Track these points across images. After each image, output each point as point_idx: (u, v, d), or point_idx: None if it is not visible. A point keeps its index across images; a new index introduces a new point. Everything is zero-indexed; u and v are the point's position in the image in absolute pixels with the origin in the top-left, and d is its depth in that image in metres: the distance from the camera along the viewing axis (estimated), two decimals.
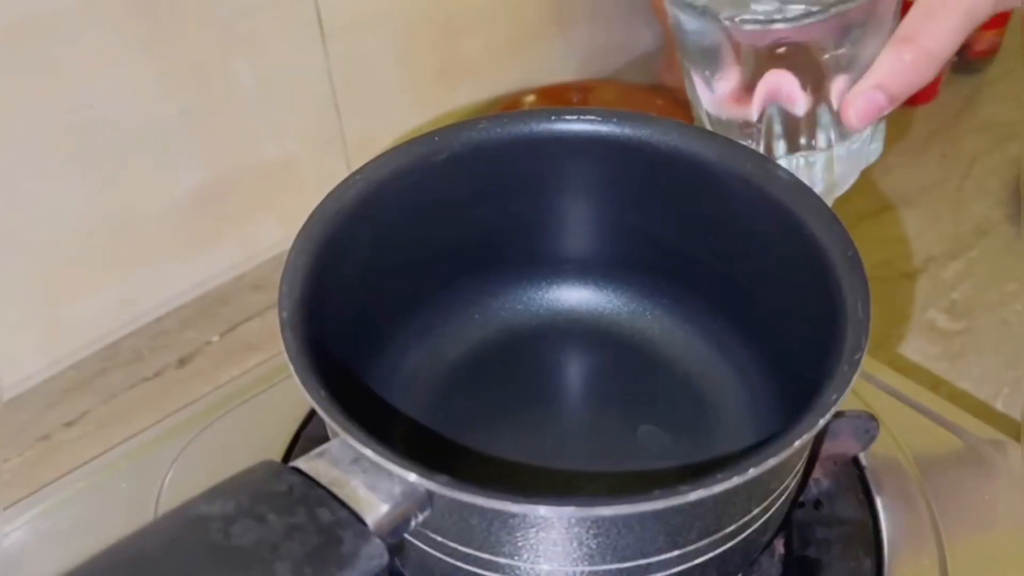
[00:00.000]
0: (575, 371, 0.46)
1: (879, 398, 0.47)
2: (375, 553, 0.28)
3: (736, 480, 0.29)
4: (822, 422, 0.30)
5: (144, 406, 0.55)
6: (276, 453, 0.45)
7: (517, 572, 0.32)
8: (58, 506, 0.44)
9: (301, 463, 0.30)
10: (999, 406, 0.52)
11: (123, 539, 0.26)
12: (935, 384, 0.53)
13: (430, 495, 0.30)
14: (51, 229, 0.52)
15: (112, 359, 0.58)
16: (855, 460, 0.44)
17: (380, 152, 0.42)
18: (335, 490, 0.29)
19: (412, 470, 0.29)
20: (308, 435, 0.46)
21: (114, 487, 0.45)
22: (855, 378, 0.31)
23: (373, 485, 0.29)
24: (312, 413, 0.47)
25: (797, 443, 0.30)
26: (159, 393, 0.56)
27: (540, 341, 0.47)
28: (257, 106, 0.58)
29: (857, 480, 0.43)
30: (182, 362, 0.58)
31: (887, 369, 0.49)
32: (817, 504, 0.42)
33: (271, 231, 0.63)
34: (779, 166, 0.40)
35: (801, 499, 0.42)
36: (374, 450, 0.29)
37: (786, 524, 0.41)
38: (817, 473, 0.43)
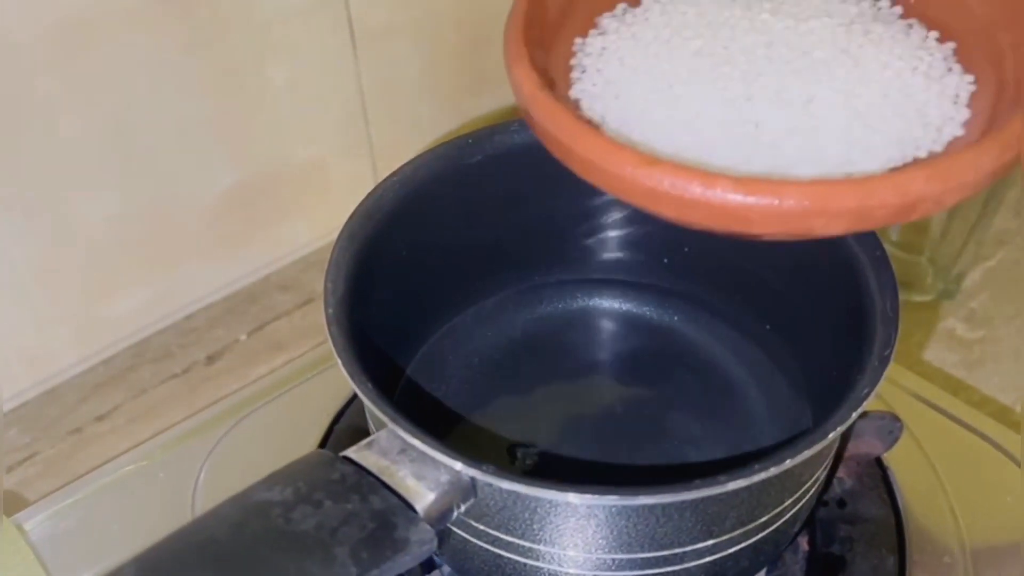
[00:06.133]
0: (606, 365, 0.47)
1: (901, 400, 0.48)
2: (426, 538, 0.29)
3: (773, 470, 0.30)
4: (855, 415, 0.31)
5: (173, 401, 0.56)
6: (310, 446, 0.46)
7: (556, 559, 0.33)
8: (97, 493, 0.45)
9: (351, 453, 0.31)
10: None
11: (189, 524, 0.27)
12: (955, 389, 0.54)
13: (475, 484, 0.31)
14: (86, 227, 0.53)
15: (142, 355, 0.58)
16: (878, 461, 0.44)
17: (405, 157, 0.43)
18: (384, 478, 0.30)
19: (458, 459, 0.30)
20: (340, 429, 0.47)
21: (152, 476, 0.46)
22: (886, 373, 0.32)
23: (420, 474, 0.30)
24: (343, 409, 0.48)
25: (832, 435, 0.31)
26: (188, 389, 0.56)
27: (573, 337, 0.48)
28: (288, 110, 0.58)
29: (880, 480, 0.44)
30: (211, 359, 0.58)
31: (909, 373, 0.50)
32: (841, 503, 0.43)
33: (298, 233, 0.63)
34: None
35: (825, 498, 0.43)
36: (422, 440, 0.30)
37: (810, 522, 0.41)
38: (841, 473, 0.44)
